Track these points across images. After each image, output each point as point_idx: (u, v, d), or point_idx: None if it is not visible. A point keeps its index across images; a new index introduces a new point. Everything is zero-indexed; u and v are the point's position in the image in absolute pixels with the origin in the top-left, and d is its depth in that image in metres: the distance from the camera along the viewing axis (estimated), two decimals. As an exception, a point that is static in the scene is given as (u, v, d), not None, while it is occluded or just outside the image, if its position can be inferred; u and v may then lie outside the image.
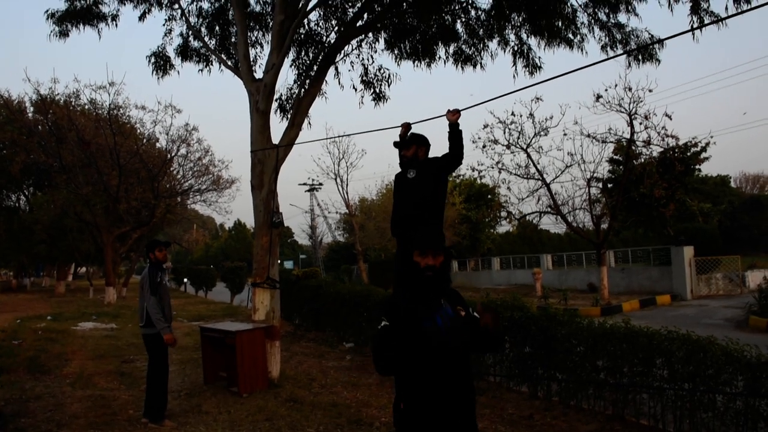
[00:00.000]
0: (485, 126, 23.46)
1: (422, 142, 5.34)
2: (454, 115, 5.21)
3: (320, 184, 59.24)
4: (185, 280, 36.49)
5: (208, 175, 32.62)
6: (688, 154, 27.25)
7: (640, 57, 9.94)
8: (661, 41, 9.59)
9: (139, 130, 29.64)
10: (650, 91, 20.23)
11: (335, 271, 43.97)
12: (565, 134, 23.26)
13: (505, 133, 22.96)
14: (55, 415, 7.11)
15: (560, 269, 32.91)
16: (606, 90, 21.02)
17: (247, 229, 78.99)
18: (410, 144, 5.32)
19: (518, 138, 22.77)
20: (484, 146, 23.77)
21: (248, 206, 9.08)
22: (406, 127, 5.67)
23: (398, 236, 5.30)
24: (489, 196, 38.64)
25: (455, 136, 5.20)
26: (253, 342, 8.31)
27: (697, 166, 29.33)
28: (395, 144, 5.48)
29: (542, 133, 22.26)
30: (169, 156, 29.26)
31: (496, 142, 23.43)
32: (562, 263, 33.60)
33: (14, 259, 39.66)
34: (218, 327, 9.03)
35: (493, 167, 24.20)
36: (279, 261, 9.67)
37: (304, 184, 62.39)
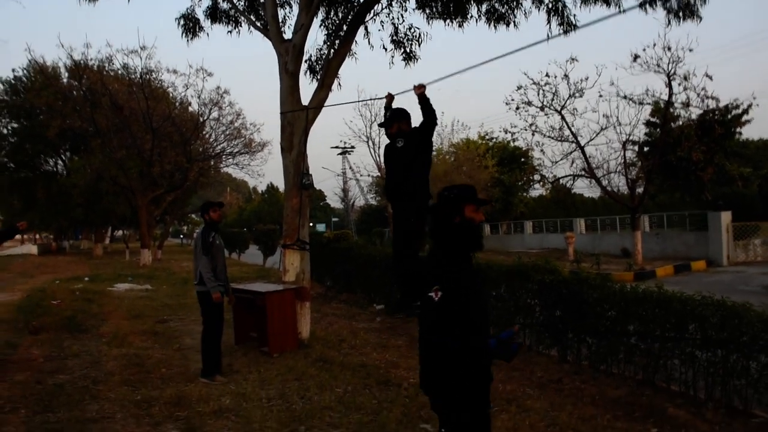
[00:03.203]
0: (519, 87, 23.12)
1: (401, 116, 5.78)
2: (419, 89, 5.68)
3: (352, 147, 57.92)
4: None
5: (240, 138, 32.93)
6: (729, 116, 26.45)
7: (680, 14, 9.55)
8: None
9: (171, 94, 29.91)
10: (690, 50, 19.63)
11: (367, 234, 43.93)
12: (600, 96, 22.57)
13: (539, 94, 22.64)
14: (91, 372, 7.31)
15: (593, 234, 32.29)
16: (644, 50, 20.41)
17: (279, 192, 75.60)
18: (391, 122, 5.79)
19: (552, 100, 22.44)
20: (517, 108, 23.43)
21: (280, 169, 9.08)
22: (390, 97, 6.26)
23: (393, 200, 5.85)
24: (522, 159, 38.22)
25: (424, 104, 5.64)
26: (282, 303, 8.39)
27: (738, 129, 28.49)
28: (379, 125, 6.12)
29: (577, 94, 21.86)
30: (201, 119, 29.54)
31: (529, 104, 23.08)
32: (596, 227, 33.01)
33: (54, 223, 40.69)
34: (249, 288, 9.10)
35: (526, 129, 24.03)
36: (311, 224, 9.74)
37: (336, 147, 61.27)
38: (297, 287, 8.71)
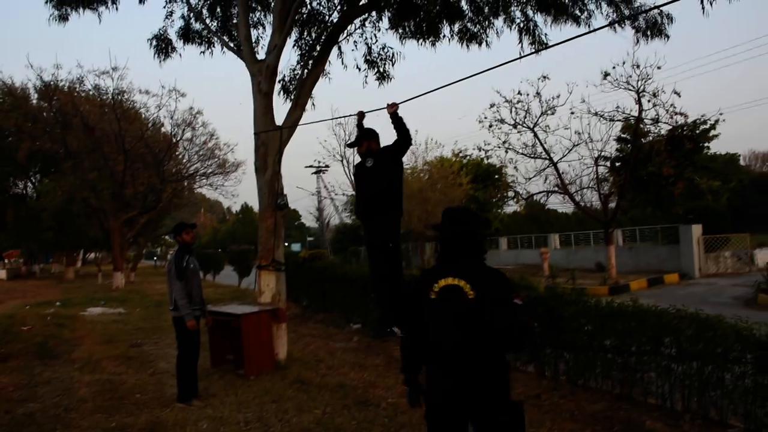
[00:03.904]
0: (492, 105, 23.38)
1: (371, 136, 5.91)
2: (392, 108, 5.74)
3: (327, 166, 58.11)
4: None
5: (214, 158, 32.70)
6: (697, 131, 26.94)
7: (648, 33, 9.77)
8: (660, 6, 9.41)
9: (143, 115, 29.60)
10: (659, 68, 20.14)
11: (343, 252, 43.65)
12: (572, 113, 22.88)
13: (511, 112, 22.88)
14: (63, 400, 7.14)
15: (568, 249, 32.70)
16: (614, 68, 20.74)
17: (254, 212, 76.24)
18: (360, 141, 5.90)
19: (525, 117, 22.67)
20: (490, 126, 23.65)
21: (255, 189, 9.03)
22: (361, 115, 6.35)
23: (363, 219, 5.90)
24: (496, 176, 38.21)
25: (398, 123, 5.69)
26: (259, 324, 8.29)
27: (706, 144, 29.01)
28: (348, 145, 6.58)
29: (549, 111, 22.14)
30: (174, 140, 29.26)
31: (502, 121, 23.33)
32: (570, 243, 33.35)
33: (22, 246, 39.88)
34: (224, 310, 8.97)
35: (499, 147, 24.20)
36: (286, 243, 9.68)
37: (311, 166, 61.11)
38: (273, 308, 8.63)
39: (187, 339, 6.89)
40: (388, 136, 5.94)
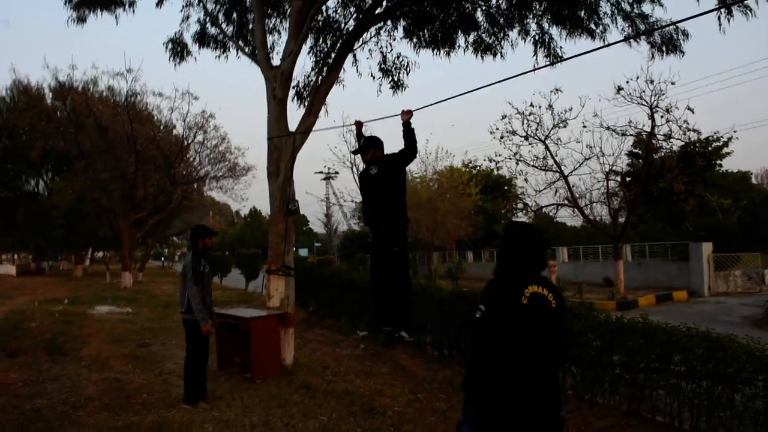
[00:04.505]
0: (503, 117, 23.43)
1: (375, 145, 6.00)
2: (406, 115, 5.63)
3: (336, 172, 57.70)
4: None
5: (225, 162, 32.75)
6: (710, 148, 26.83)
7: (663, 48, 9.74)
8: (677, 23, 9.39)
9: (156, 117, 29.81)
10: (672, 83, 20.00)
11: (350, 259, 43.65)
12: (584, 126, 23.02)
13: (523, 124, 22.97)
14: (70, 397, 7.17)
15: (576, 262, 32.42)
16: (627, 82, 20.71)
17: (262, 216, 77.73)
18: (366, 149, 6.01)
19: (537, 129, 22.76)
20: (501, 137, 23.74)
21: (264, 193, 9.29)
22: (359, 125, 6.43)
23: (371, 226, 5.98)
24: (506, 188, 38.49)
25: (408, 133, 5.65)
26: (267, 329, 8.30)
27: (719, 161, 28.85)
28: (353, 152, 6.44)
29: (561, 124, 22.22)
30: (185, 143, 29.43)
31: (514, 133, 23.40)
32: (578, 256, 33.08)
33: (32, 243, 40.11)
34: (232, 313, 9.03)
35: (510, 158, 24.28)
36: (294, 248, 9.65)
37: (320, 172, 60.75)
38: (281, 313, 8.63)
39: (198, 342, 6.92)
40: (393, 143, 6.09)
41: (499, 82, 5.46)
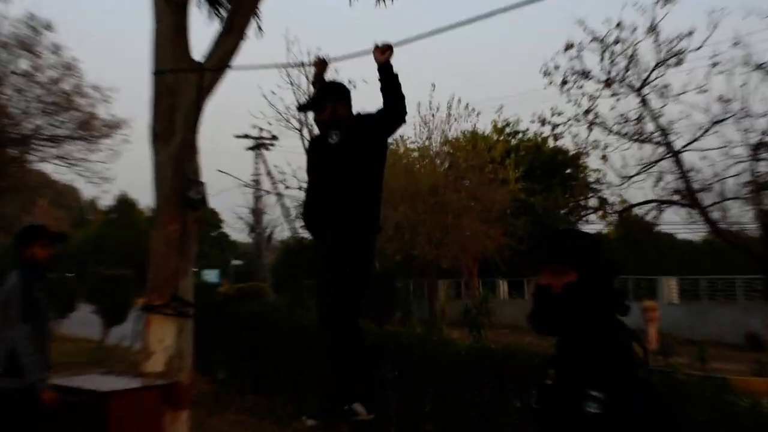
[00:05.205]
0: (568, 47, 15.17)
1: (339, 96, 4.34)
2: (382, 53, 4.04)
3: (274, 137, 36.28)
4: None
5: (71, 112, 21.12)
6: None
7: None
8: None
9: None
10: None
11: (293, 288, 27.94)
12: (714, 65, 14.57)
13: (603, 59, 14.91)
14: None
15: (693, 304, 22.52)
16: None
17: (137, 210, 52.92)
18: (322, 103, 4.32)
19: (627, 69, 14.96)
20: (564, 82, 15.49)
21: (142, 171, 5.94)
22: (322, 65, 4.74)
23: (313, 231, 4.37)
24: (567, 171, 27.73)
25: (389, 83, 4.02)
26: (139, 411, 5.63)
27: None
28: (300, 108, 3.72)
29: (672, 61, 14.70)
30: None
31: (586, 74, 15.26)
32: (697, 293, 22.79)
33: None
34: (77, 384, 6.04)
35: (578, 120, 15.76)
36: (195, 269, 6.86)
37: (246, 137, 39.06)
38: (167, 384, 5.83)
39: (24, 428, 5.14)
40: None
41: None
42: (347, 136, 4.16)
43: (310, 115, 18.85)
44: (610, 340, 1.95)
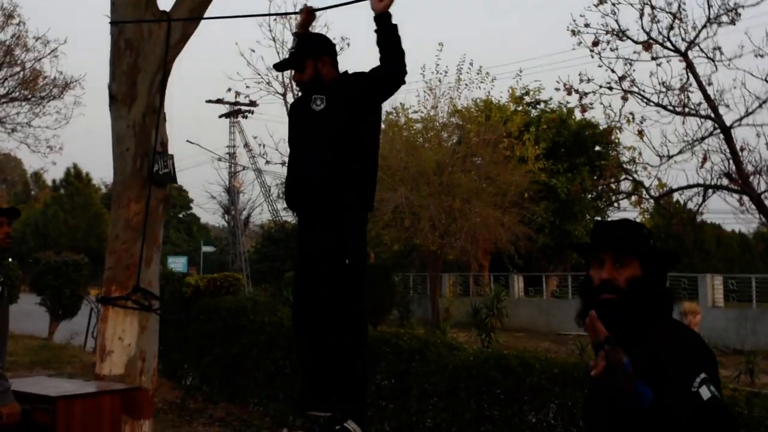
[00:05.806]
0: (601, 1, 12.73)
1: (320, 49, 3.68)
2: (381, 1, 3.40)
3: (253, 104, 30.57)
4: None
5: (12, 67, 18.93)
6: None
7: None
8: None
9: None
10: None
11: (273, 280, 27.74)
12: None
13: (643, 17, 12.28)
14: None
15: (741, 307, 19.92)
16: None
17: (92, 186, 47.89)
18: (300, 59, 3.68)
19: (670, 28, 12.24)
20: (595, 43, 12.96)
21: (99, 139, 4.02)
22: (309, 16, 4.10)
23: (296, 208, 3.92)
24: (597, 148, 24.41)
25: (387, 35, 3.44)
26: (95, 420, 5.21)
27: None
28: (276, 66, 4.19)
29: (722, 19, 12.02)
30: None
31: (621, 34, 12.71)
32: (748, 295, 20.28)
33: None
34: (20, 388, 5.32)
35: (611, 87, 12.97)
36: (161, 257, 6.13)
37: (220, 102, 34.39)
38: (128, 388, 5.39)
39: None
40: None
41: None
42: (334, 101, 3.63)
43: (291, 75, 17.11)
44: (696, 334, 1.91)
